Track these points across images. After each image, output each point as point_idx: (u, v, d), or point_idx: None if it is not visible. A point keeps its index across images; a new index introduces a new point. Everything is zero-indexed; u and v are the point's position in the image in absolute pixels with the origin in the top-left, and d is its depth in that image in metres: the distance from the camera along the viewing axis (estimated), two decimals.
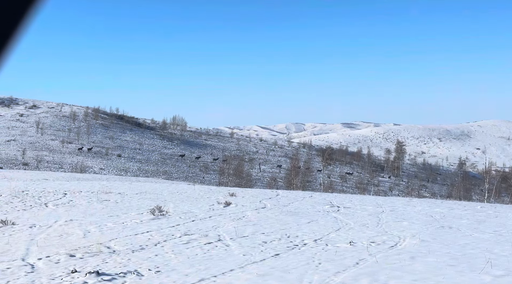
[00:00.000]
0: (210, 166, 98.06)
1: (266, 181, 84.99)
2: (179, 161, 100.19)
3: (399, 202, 25.67)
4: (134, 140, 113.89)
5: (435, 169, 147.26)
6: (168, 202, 22.26)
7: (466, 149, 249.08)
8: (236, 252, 11.25)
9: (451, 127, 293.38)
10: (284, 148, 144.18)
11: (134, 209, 19.32)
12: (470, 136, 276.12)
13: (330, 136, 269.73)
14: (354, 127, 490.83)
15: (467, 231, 14.89)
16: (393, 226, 15.67)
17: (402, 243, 12.35)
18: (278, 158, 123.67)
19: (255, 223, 15.90)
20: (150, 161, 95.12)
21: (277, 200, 24.79)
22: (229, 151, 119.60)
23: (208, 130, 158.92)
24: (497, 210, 23.04)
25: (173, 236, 13.28)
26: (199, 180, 77.96)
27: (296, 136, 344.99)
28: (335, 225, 15.64)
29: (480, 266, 9.59)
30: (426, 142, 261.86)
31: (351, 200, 26.06)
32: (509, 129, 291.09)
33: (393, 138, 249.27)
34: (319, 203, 23.32)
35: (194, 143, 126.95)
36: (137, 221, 16.02)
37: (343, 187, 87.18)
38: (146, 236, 13.30)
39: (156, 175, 78.19)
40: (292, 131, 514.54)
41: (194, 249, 11.55)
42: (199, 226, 15.02)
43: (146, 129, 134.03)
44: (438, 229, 15.22)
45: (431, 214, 19.75)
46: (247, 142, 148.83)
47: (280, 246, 11.93)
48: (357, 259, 10.35)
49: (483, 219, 18.27)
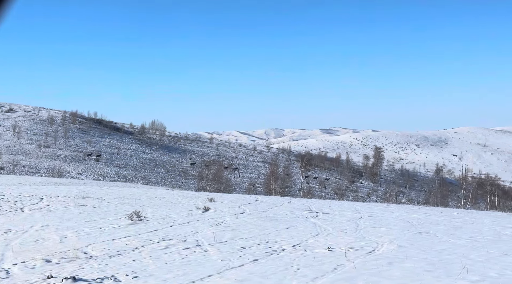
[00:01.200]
0: (189, 171, 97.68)
1: (245, 186, 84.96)
2: (158, 165, 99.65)
3: (377, 208, 25.83)
4: (112, 145, 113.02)
5: (412, 175, 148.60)
6: (146, 207, 22.13)
7: (443, 155, 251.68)
8: (214, 257, 11.21)
9: (429, 134, 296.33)
10: (263, 153, 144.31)
11: (111, 214, 19.16)
12: (447, 143, 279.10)
13: (309, 142, 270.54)
14: (333, 133, 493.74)
15: (444, 237, 15.03)
16: (371, 231, 15.76)
17: (380, 249, 12.42)
18: (257, 163, 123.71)
19: (234, 228, 15.86)
20: (129, 165, 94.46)
21: (256, 205, 24.78)
22: (208, 156, 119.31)
23: (187, 136, 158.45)
24: (473, 216, 23.31)
25: (151, 241, 13.19)
26: (177, 185, 77.61)
27: (275, 142, 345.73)
28: (313, 231, 15.67)
29: (456, 271, 9.68)
30: (404, 148, 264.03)
31: (330, 206, 26.17)
32: (485, 136, 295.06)
33: (371, 144, 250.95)
34: (298, 209, 23.36)
35: (173, 148, 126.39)
36: (115, 226, 15.88)
37: (322, 193, 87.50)
38: (123, 241, 13.19)
39: (135, 180, 77.66)
40: (272, 137, 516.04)
41: (172, 255, 11.48)
42: (177, 231, 14.94)
43: (124, 134, 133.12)
44: (415, 234, 15.34)
45: (409, 220, 19.91)
46: (227, 147, 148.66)
47: (259, 252, 11.91)
48: (336, 264, 10.38)
49: (460, 225, 18.46)
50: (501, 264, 10.63)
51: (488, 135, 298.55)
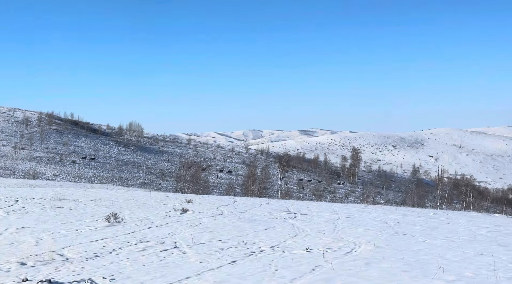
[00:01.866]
0: (167, 172, 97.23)
1: (223, 187, 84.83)
2: (135, 167, 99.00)
3: (354, 209, 25.98)
4: (89, 146, 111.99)
5: (389, 176, 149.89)
6: (124, 208, 21.96)
7: (420, 156, 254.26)
8: (192, 259, 11.17)
9: (406, 135, 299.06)
10: (241, 155, 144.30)
11: (88, 216, 18.98)
12: (424, 144, 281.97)
13: (287, 143, 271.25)
14: (311, 134, 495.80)
15: (420, 237, 15.17)
16: (349, 232, 15.84)
17: (358, 249, 12.49)
18: (236, 164, 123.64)
19: (212, 230, 15.83)
20: (106, 167, 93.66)
21: (234, 206, 24.76)
22: (186, 157, 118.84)
23: (165, 137, 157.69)
24: (449, 216, 23.57)
25: (128, 243, 13.10)
26: (155, 186, 77.21)
27: (253, 143, 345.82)
28: (292, 232, 15.70)
29: (433, 271, 9.78)
30: (381, 149, 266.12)
31: (308, 207, 26.25)
32: (461, 138, 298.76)
33: (349, 145, 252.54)
34: (276, 210, 23.40)
35: (151, 149, 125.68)
36: (92, 228, 15.74)
37: (300, 194, 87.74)
38: (100, 243, 13.07)
39: (112, 182, 77.05)
40: (250, 138, 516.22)
41: (150, 256, 11.42)
42: (155, 233, 14.86)
43: (101, 135, 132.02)
44: (392, 235, 15.46)
45: (386, 220, 20.06)
46: (205, 148, 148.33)
47: (237, 253, 11.90)
48: (314, 265, 10.41)
49: (436, 226, 18.65)
50: (476, 263, 10.76)
51: (464, 137, 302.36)
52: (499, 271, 9.91)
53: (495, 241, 14.56)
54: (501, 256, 11.89)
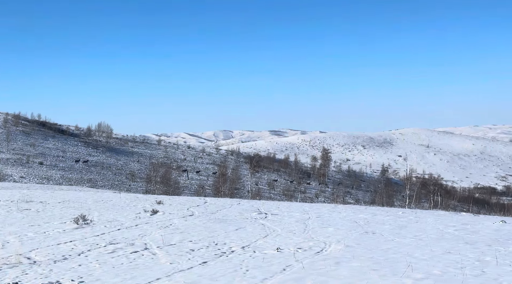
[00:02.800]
0: (137, 173, 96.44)
1: (194, 188, 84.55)
2: (104, 168, 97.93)
3: (325, 209, 26.14)
4: (57, 147, 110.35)
5: (359, 176, 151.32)
6: (93, 210, 21.71)
7: (389, 156, 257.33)
8: (163, 260, 11.10)
9: (375, 135, 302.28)
10: (212, 155, 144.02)
11: (56, 218, 18.70)
12: (392, 144, 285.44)
13: (258, 144, 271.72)
14: (281, 134, 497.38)
15: (390, 236, 15.34)
16: (319, 232, 15.93)
17: (328, 249, 12.57)
18: (206, 165, 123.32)
19: (182, 231, 15.75)
20: (74, 168, 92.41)
21: (205, 207, 24.69)
22: (157, 158, 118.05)
23: (135, 138, 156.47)
24: (417, 215, 23.87)
25: (97, 245, 12.95)
26: (125, 188, 76.48)
27: (224, 143, 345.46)
28: (262, 232, 15.72)
29: (401, 270, 9.90)
30: (351, 149, 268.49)
31: (279, 207, 26.31)
32: (428, 137, 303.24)
33: (319, 145, 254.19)
34: (247, 210, 23.40)
35: (120, 150, 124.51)
36: (60, 230, 15.52)
37: (271, 194, 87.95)
38: (69, 245, 12.90)
39: (80, 183, 76.09)
40: (220, 139, 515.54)
41: (120, 258, 11.31)
42: (125, 235, 14.72)
43: (70, 136, 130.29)
44: (362, 234, 15.60)
45: (356, 220, 20.23)
46: (175, 149, 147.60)
47: (208, 254, 11.87)
48: (284, 265, 10.44)
49: (405, 224, 18.88)
50: (444, 261, 10.93)
51: (431, 137, 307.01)
52: (466, 269, 10.09)
53: (462, 239, 14.81)
54: (468, 254, 12.10)
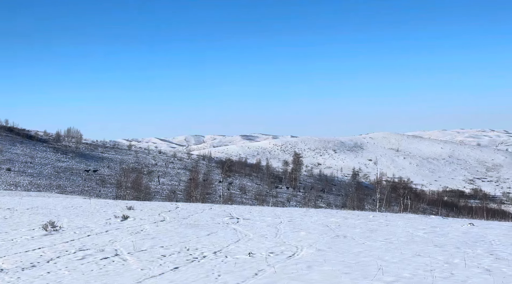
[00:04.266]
0: (107, 179, 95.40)
1: (165, 193, 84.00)
2: (74, 174, 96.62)
3: (296, 213, 26.23)
4: (25, 153, 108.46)
5: (330, 180, 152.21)
6: (62, 217, 21.40)
7: (359, 160, 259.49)
8: (134, 266, 11.00)
9: (345, 139, 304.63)
10: (183, 160, 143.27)
11: (24, 225, 18.38)
12: (363, 148, 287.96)
13: (229, 149, 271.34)
14: (253, 139, 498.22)
15: (360, 239, 15.46)
16: (291, 236, 15.98)
17: (300, 253, 12.61)
18: (178, 170, 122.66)
19: (153, 236, 15.64)
20: (43, 174, 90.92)
21: (177, 212, 24.56)
22: (127, 163, 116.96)
23: (105, 143, 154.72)
24: (387, 218, 24.11)
25: (67, 252, 12.78)
26: (95, 193, 75.56)
27: (195, 148, 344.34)
28: (234, 237, 15.70)
29: (372, 273, 9.99)
30: (322, 153, 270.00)
31: (250, 212, 26.32)
32: (398, 141, 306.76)
33: (290, 150, 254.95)
34: (218, 215, 23.35)
35: (90, 156, 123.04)
36: (28, 237, 15.26)
37: (243, 199, 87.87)
38: (37, 252, 12.69)
39: (49, 189, 74.89)
40: (192, 144, 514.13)
41: (90, 265, 11.17)
42: (95, 241, 14.55)
43: (38, 142, 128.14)
44: (333, 238, 15.69)
45: (327, 223, 20.34)
46: (146, 154, 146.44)
47: (180, 259, 11.80)
48: (256, 270, 10.45)
49: (375, 228, 19.05)
50: (413, 264, 11.06)
51: (401, 141, 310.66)
52: (436, 271, 10.23)
53: (431, 242, 15.00)
54: (437, 256, 12.26)
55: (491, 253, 12.82)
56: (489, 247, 14.12)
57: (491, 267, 10.77)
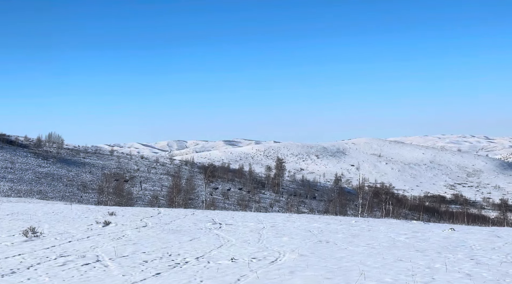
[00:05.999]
0: (89, 184, 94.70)
1: (147, 199, 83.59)
2: (55, 179, 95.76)
3: (279, 218, 26.24)
4: (5, 158, 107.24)
5: (313, 185, 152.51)
6: (43, 222, 21.18)
7: (342, 165, 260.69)
8: (115, 272, 10.93)
9: (328, 145, 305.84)
10: (166, 166, 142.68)
11: (4, 231, 18.17)
12: (345, 154, 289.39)
13: (212, 154, 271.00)
14: (235, 144, 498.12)
15: (343, 244, 15.51)
16: (274, 241, 15.98)
17: (282, 258, 12.63)
18: (160, 175, 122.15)
19: (135, 242, 15.55)
20: (23, 180, 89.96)
21: (159, 218, 24.44)
22: (109, 168, 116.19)
23: (87, 148, 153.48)
24: (370, 224, 24.23)
25: (47, 258, 12.65)
26: (76, 199, 74.94)
27: (178, 153, 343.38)
28: (217, 242, 15.67)
29: (354, 278, 10.02)
30: (304, 159, 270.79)
31: (233, 217, 26.28)
32: (380, 147, 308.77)
33: (273, 155, 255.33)
34: (201, 220, 23.28)
35: (72, 161, 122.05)
36: (8, 243, 15.09)
37: (225, 204, 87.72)
38: (17, 259, 12.56)
39: (30, 195, 74.09)
40: (174, 149, 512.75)
41: (71, 271, 11.08)
42: (76, 247, 14.43)
43: (18, 147, 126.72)
44: (316, 243, 15.72)
45: (310, 229, 20.38)
46: (128, 159, 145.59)
47: (162, 265, 11.75)
48: (239, 275, 10.43)
49: (357, 233, 19.12)
50: (395, 269, 11.12)
51: (383, 146, 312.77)
52: (417, 276, 10.29)
53: (413, 247, 15.10)
54: (419, 261, 12.34)
55: (472, 258, 12.94)
56: (470, 251, 14.25)
57: (472, 272, 10.86)
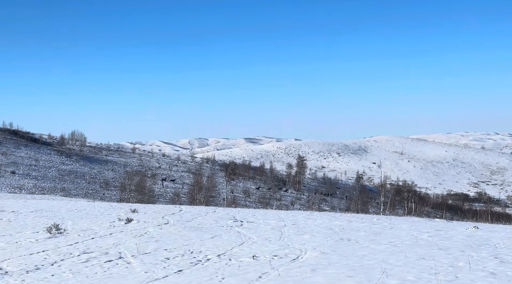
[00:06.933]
0: (111, 182, 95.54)
1: (169, 196, 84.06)
2: (78, 177, 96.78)
3: (300, 216, 26.18)
4: (29, 156, 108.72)
5: (334, 183, 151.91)
6: (66, 219, 21.43)
7: (363, 163, 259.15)
8: (137, 269, 11.00)
9: (349, 142, 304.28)
10: (187, 163, 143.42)
11: (29, 227, 18.41)
12: (367, 151, 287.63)
13: (233, 152, 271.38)
14: (256, 142, 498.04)
15: (365, 242, 15.42)
16: (295, 239, 15.95)
17: (304, 256, 12.59)
18: (181, 173, 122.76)
19: (157, 239, 15.64)
20: (47, 177, 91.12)
21: (180, 215, 24.56)
22: (131, 166, 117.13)
23: (109, 146, 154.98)
24: (392, 222, 24.06)
25: (71, 254, 12.79)
26: (99, 196, 75.69)
27: (199, 151, 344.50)
28: (238, 240, 15.69)
29: (376, 276, 9.95)
30: (326, 156, 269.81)
31: (254, 215, 26.28)
32: (402, 145, 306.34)
33: (294, 153, 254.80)
34: (222, 218, 23.33)
35: (94, 159, 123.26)
36: (32, 240, 15.28)
37: (246, 202, 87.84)
38: (42, 255, 12.71)
39: (54, 192, 75.04)
40: (195, 147, 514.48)
41: (94, 268, 11.18)
42: (99, 244, 14.56)
43: (42, 145, 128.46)
44: (337, 241, 15.66)
45: (331, 226, 20.30)
46: (150, 157, 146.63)
47: (183, 262, 11.80)
48: (260, 272, 10.43)
49: (379, 231, 19.00)
50: (418, 267, 11.02)
51: (405, 144, 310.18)
52: (440, 275, 10.19)
53: (435, 245, 14.96)
54: (442, 259, 12.22)
55: (496, 257, 12.78)
56: (494, 250, 14.07)
57: (496, 270, 10.72)
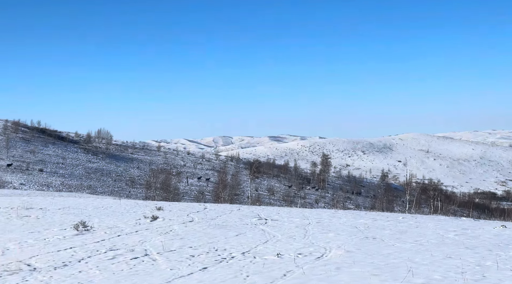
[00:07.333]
0: (137, 179, 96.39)
1: (193, 194, 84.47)
2: (104, 175, 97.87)
3: (325, 214, 26.10)
4: (57, 154, 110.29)
5: (359, 181, 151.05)
6: (93, 217, 21.68)
7: (388, 161, 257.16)
8: (163, 266, 11.09)
9: (374, 141, 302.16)
10: (212, 161, 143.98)
11: (56, 224, 18.68)
12: (392, 149, 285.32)
13: (257, 150, 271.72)
14: (281, 140, 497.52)
15: (390, 241, 15.32)
16: (320, 237, 15.91)
17: (328, 254, 12.56)
18: (206, 171, 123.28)
19: (182, 236, 15.73)
20: (74, 175, 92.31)
21: (205, 213, 24.66)
22: (156, 164, 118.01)
23: (135, 144, 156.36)
24: (417, 220, 23.85)
25: (97, 251, 12.94)
26: (125, 194, 76.41)
27: (223, 149, 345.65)
28: (262, 238, 15.70)
29: (402, 275, 9.88)
30: (350, 154, 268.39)
31: (279, 213, 26.27)
32: (428, 143, 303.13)
33: (319, 151, 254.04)
34: (247, 216, 23.37)
35: (120, 157, 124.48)
36: (60, 237, 15.50)
37: (271, 200, 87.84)
38: (69, 252, 12.89)
39: (80, 190, 76.00)
40: (220, 145, 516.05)
41: (120, 265, 11.30)
42: (125, 241, 14.71)
43: (69, 143, 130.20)
44: (362, 239, 15.57)
45: (356, 225, 20.20)
46: (175, 155, 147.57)
47: (208, 260, 11.85)
48: (285, 271, 10.43)
49: (405, 229, 18.85)
50: (444, 266, 10.91)
51: (431, 142, 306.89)
52: (467, 274, 10.07)
53: (462, 244, 14.80)
54: (469, 258, 12.08)
55: None
56: None
57: None
